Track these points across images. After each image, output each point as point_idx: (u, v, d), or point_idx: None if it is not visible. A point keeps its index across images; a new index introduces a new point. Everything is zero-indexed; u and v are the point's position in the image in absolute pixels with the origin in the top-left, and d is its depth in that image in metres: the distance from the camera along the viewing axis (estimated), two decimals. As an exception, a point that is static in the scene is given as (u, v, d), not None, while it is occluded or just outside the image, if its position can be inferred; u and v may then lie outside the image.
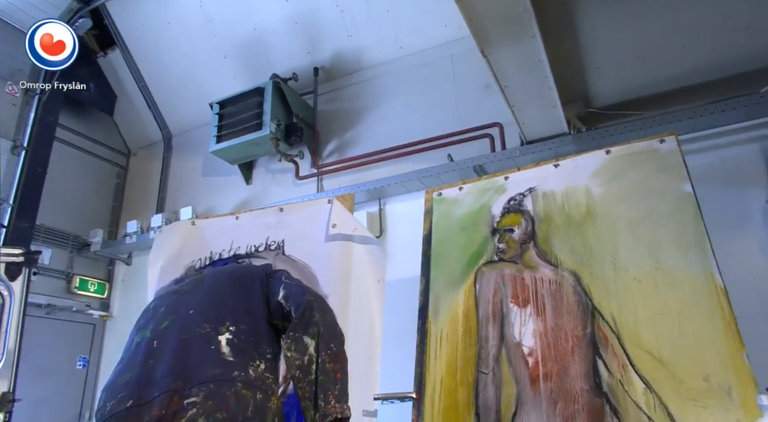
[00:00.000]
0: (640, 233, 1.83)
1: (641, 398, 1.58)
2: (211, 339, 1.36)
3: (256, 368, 1.34)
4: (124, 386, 1.32)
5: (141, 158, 5.36)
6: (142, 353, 1.39)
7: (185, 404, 1.21)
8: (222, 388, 1.24)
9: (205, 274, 1.75)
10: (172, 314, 1.49)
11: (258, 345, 1.41)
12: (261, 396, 1.30)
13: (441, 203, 2.32)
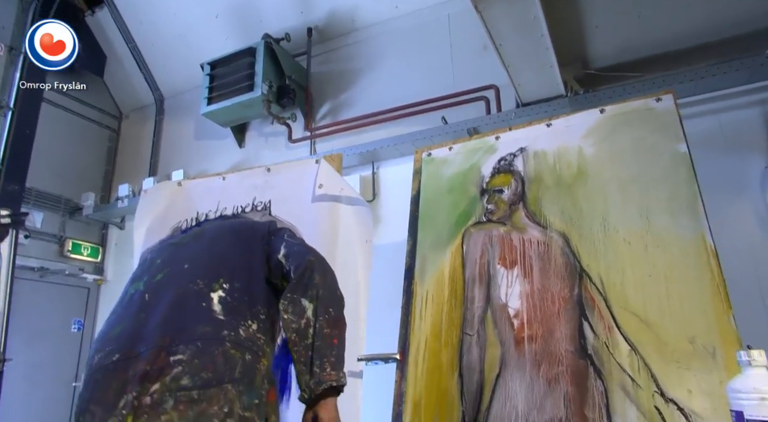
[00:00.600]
0: (631, 194, 1.78)
1: (625, 360, 1.55)
2: (203, 296, 1.30)
3: (248, 328, 1.29)
4: (115, 339, 1.28)
5: (133, 122, 5.28)
6: (134, 305, 1.35)
7: (171, 361, 1.16)
8: (210, 347, 1.19)
9: (206, 227, 1.66)
10: (168, 266, 1.43)
11: (253, 304, 1.35)
12: (250, 357, 1.24)
13: (430, 163, 2.26)
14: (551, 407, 1.56)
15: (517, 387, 1.64)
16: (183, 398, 1.11)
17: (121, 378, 1.16)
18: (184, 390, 1.12)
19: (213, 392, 1.14)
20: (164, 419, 1.09)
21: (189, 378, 1.13)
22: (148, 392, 1.12)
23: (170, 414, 1.10)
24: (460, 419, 1.68)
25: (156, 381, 1.13)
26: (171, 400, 1.11)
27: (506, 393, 1.65)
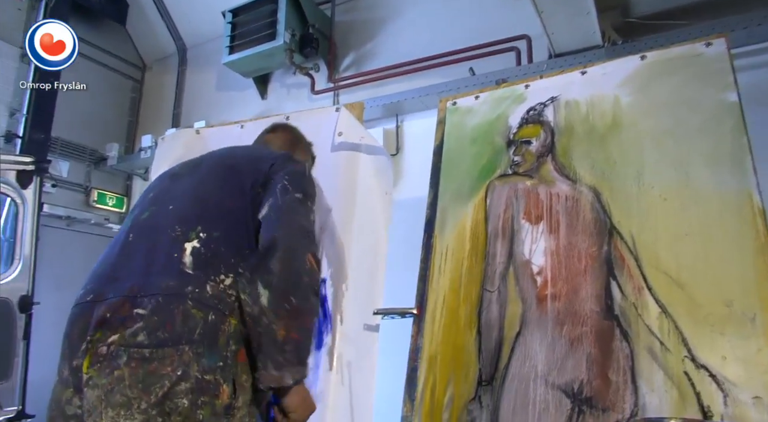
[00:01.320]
0: (669, 147, 1.64)
1: (654, 322, 1.46)
2: (177, 245, 1.21)
3: (218, 284, 1.18)
4: (95, 278, 1.26)
5: (156, 72, 5.22)
6: (118, 245, 1.30)
7: (134, 313, 1.11)
8: (170, 304, 1.12)
9: (204, 157, 1.52)
10: (155, 205, 1.35)
11: (231, 255, 1.23)
12: (213, 316, 1.14)
13: (455, 112, 2.14)
14: (572, 368, 1.50)
15: (538, 346, 1.57)
16: (136, 355, 1.07)
17: (87, 320, 1.15)
18: (138, 346, 1.08)
19: (167, 351, 1.08)
20: (116, 374, 1.07)
21: (145, 336, 1.09)
22: (106, 341, 1.10)
23: (122, 369, 1.07)
24: (476, 376, 1.62)
25: (116, 332, 1.10)
26: (125, 356, 1.08)
27: (526, 352, 1.58)
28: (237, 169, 1.39)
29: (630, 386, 1.42)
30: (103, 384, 1.07)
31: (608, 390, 1.43)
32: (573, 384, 1.47)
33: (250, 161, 1.43)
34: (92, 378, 1.09)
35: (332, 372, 1.86)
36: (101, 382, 1.07)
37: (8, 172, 3.05)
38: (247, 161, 1.43)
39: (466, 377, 1.64)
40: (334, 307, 1.95)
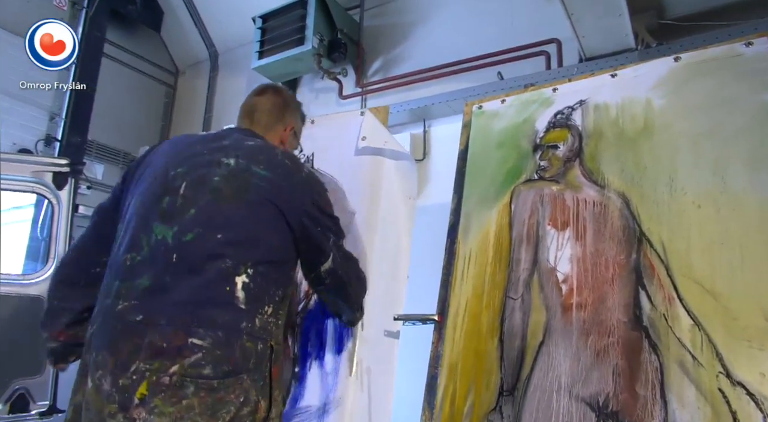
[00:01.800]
0: (704, 150, 1.57)
1: (686, 334, 1.40)
2: (228, 278, 1.29)
3: (263, 315, 1.33)
4: (140, 294, 1.28)
5: (189, 78, 5.33)
6: (160, 261, 1.30)
7: (189, 343, 1.20)
8: (230, 339, 1.24)
9: (245, 176, 1.43)
10: (200, 226, 1.34)
11: (271, 288, 1.37)
12: (261, 346, 1.30)
13: (480, 116, 2.11)
14: (598, 380, 1.44)
15: (562, 356, 1.52)
16: (204, 386, 1.18)
17: (138, 342, 1.21)
18: (206, 378, 1.18)
19: (231, 381, 1.21)
20: (185, 403, 1.16)
21: (211, 369, 1.19)
22: (167, 372, 1.17)
23: (191, 399, 1.16)
24: (498, 386, 1.58)
25: (174, 363, 1.18)
26: (192, 386, 1.17)
27: (549, 363, 1.53)
28: (279, 206, 1.43)
29: (659, 401, 1.35)
30: (171, 412, 1.15)
31: (636, 404, 1.37)
32: (598, 397, 1.42)
33: (288, 192, 1.46)
34: (157, 407, 1.15)
35: (352, 377, 1.84)
36: (168, 410, 1.15)
37: (45, 173, 3.14)
38: (285, 193, 1.45)
39: (487, 386, 1.59)
40: (355, 311, 1.93)
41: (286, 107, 1.77)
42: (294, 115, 1.81)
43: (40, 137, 4.16)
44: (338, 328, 1.94)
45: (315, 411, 1.85)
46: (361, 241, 2.06)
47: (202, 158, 1.46)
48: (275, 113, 1.72)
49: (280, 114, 1.73)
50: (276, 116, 1.72)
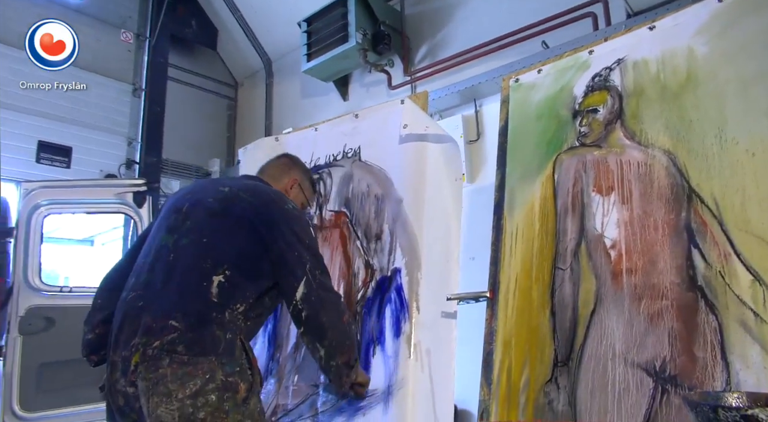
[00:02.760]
0: (756, 95, 1.46)
1: (746, 291, 1.32)
2: (207, 276, 1.55)
3: (233, 311, 1.55)
4: (143, 286, 1.59)
5: (247, 88, 5.58)
6: (162, 261, 1.61)
7: (169, 324, 1.46)
8: (201, 325, 1.48)
9: (231, 195, 1.74)
10: (194, 234, 1.64)
11: (245, 290, 1.59)
12: (230, 335, 1.51)
13: (518, 90, 2.07)
14: (653, 345, 1.39)
15: (614, 324, 1.48)
16: (176, 360, 1.42)
17: (137, 323, 1.50)
18: (179, 354, 1.43)
19: (200, 360, 1.43)
20: (161, 372, 1.41)
21: (183, 347, 1.43)
22: (151, 346, 1.44)
23: (165, 369, 1.41)
24: (552, 358, 1.57)
25: (157, 339, 1.44)
26: (167, 359, 1.42)
27: (602, 331, 1.50)
28: (258, 226, 1.67)
29: (720, 362, 1.29)
30: (150, 377, 1.42)
31: (695, 367, 1.32)
32: (655, 362, 1.38)
33: (266, 219, 1.70)
34: (141, 373, 1.44)
35: (411, 359, 1.89)
36: (149, 376, 1.42)
37: (126, 194, 3.43)
38: (264, 218, 1.70)
39: (541, 358, 1.59)
40: (410, 296, 1.98)
41: (294, 166, 2.10)
42: (301, 173, 2.10)
43: (121, 162, 4.54)
44: (395, 313, 1.99)
45: (381, 394, 1.92)
46: (411, 227, 2.10)
47: (206, 189, 1.79)
48: (282, 169, 2.06)
49: (287, 169, 2.07)
50: (283, 170, 2.05)
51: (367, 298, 2.12)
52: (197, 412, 1.39)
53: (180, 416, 1.38)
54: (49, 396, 3.05)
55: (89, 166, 4.38)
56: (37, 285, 3.13)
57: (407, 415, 1.83)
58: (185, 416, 1.39)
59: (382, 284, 2.09)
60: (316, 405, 2.09)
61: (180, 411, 1.38)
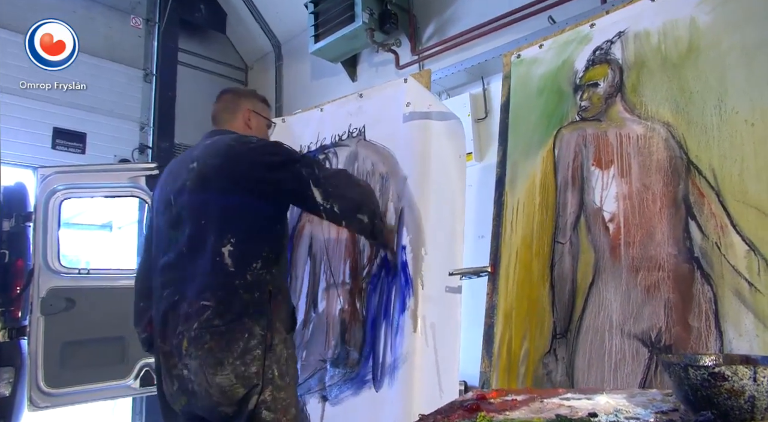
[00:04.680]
0: (760, 63, 1.45)
1: (741, 262, 1.33)
2: (216, 251, 1.64)
3: (253, 270, 1.65)
4: (173, 282, 1.71)
5: (257, 71, 5.59)
6: (178, 252, 1.72)
7: (202, 304, 1.60)
8: (229, 295, 1.61)
9: (201, 170, 1.76)
10: (191, 220, 1.72)
11: (255, 248, 1.68)
12: (258, 293, 1.64)
13: (519, 65, 2.07)
14: (649, 316, 1.42)
15: (612, 295, 1.50)
16: (216, 332, 1.57)
17: (177, 313, 1.65)
18: (216, 327, 1.57)
19: (235, 325, 1.58)
20: (207, 347, 1.56)
21: (219, 320, 1.58)
22: (193, 328, 1.59)
23: (210, 343, 1.56)
24: (551, 329, 1.60)
25: (195, 321, 1.59)
26: (207, 335, 1.57)
27: (600, 302, 1.52)
28: (239, 183, 1.72)
29: (714, 331, 1.31)
30: (200, 354, 1.57)
31: (689, 336, 1.34)
32: (650, 333, 1.40)
33: (243, 171, 1.73)
34: (192, 353, 1.59)
35: (416, 333, 1.93)
36: (198, 354, 1.58)
37: (140, 178, 3.50)
38: (240, 171, 1.73)
39: (541, 331, 1.62)
40: (415, 271, 2.02)
41: (238, 99, 2.07)
42: (248, 99, 2.07)
43: (134, 147, 4.61)
44: (401, 289, 2.03)
45: (387, 368, 1.97)
46: (416, 205, 2.12)
47: (180, 172, 1.81)
48: (230, 107, 2.04)
49: (234, 106, 2.04)
50: (231, 110, 2.03)
51: (372, 274, 2.16)
52: (249, 368, 1.56)
53: (236, 376, 1.54)
54: (73, 372, 3.17)
55: (103, 151, 4.45)
56: (57, 268, 3.22)
57: (413, 388, 1.88)
58: (240, 375, 1.55)
59: (387, 261, 2.12)
60: (324, 380, 2.15)
61: (234, 372, 1.54)
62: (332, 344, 2.17)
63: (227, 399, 1.56)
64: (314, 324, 2.28)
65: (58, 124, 4.29)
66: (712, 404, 0.68)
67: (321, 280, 2.34)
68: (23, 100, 4.07)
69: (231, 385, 1.55)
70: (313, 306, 2.31)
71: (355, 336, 2.11)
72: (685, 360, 0.83)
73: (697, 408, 0.70)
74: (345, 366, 2.09)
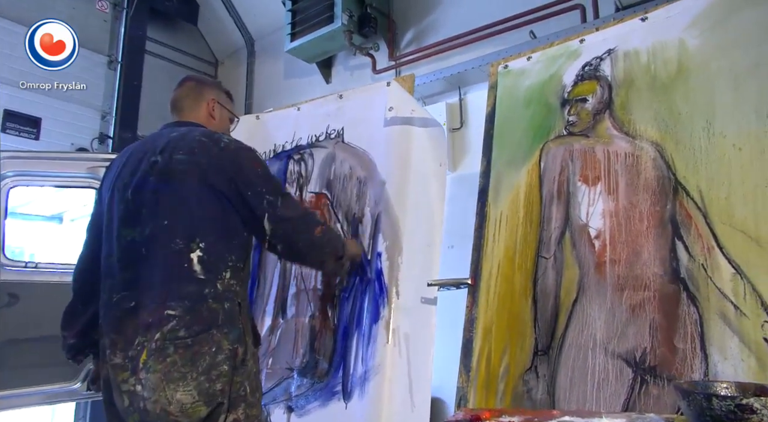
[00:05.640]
0: (746, 89, 1.47)
1: (728, 284, 1.33)
2: (183, 257, 1.51)
3: (223, 280, 1.54)
4: (125, 284, 1.55)
5: (228, 67, 5.44)
6: (133, 255, 1.56)
7: (166, 314, 1.46)
8: (196, 304, 1.48)
9: (169, 168, 1.62)
10: (152, 221, 1.56)
11: (225, 254, 1.57)
12: (228, 304, 1.53)
13: (506, 76, 2.05)
14: (634, 336, 1.40)
15: (596, 313, 1.48)
16: (181, 345, 1.44)
17: (135, 323, 1.48)
18: (182, 339, 1.44)
19: (202, 337, 1.46)
20: (169, 360, 1.42)
21: (185, 331, 1.45)
22: (154, 339, 1.44)
23: (173, 356, 1.43)
24: (532, 346, 1.56)
25: (157, 331, 1.44)
26: (171, 347, 1.43)
27: (584, 320, 1.50)
28: (207, 181, 1.60)
29: (699, 354, 1.30)
30: (160, 368, 1.42)
31: (674, 358, 1.33)
32: (635, 353, 1.38)
33: (211, 171, 1.61)
34: (151, 366, 1.43)
35: (389, 344, 1.87)
36: (158, 367, 1.42)
37: (98, 168, 3.31)
38: (208, 171, 1.61)
39: (522, 347, 1.58)
40: (390, 280, 1.96)
41: (201, 87, 1.93)
42: (212, 90, 1.95)
43: (94, 136, 4.38)
44: (375, 297, 1.97)
45: (357, 379, 1.90)
46: (393, 211, 2.07)
47: (139, 164, 1.65)
48: (193, 96, 1.89)
49: (197, 94, 1.89)
50: (194, 98, 1.88)
51: (345, 281, 2.09)
52: (214, 384, 1.44)
53: (199, 393, 1.42)
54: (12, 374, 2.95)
55: (59, 138, 4.21)
56: (0, 260, 3.00)
57: (383, 400, 1.81)
58: (204, 392, 1.43)
59: (361, 268, 2.05)
60: (290, 390, 2.06)
61: (198, 389, 1.42)
62: (301, 352, 2.08)
63: (187, 417, 1.42)
64: (282, 331, 2.18)
65: (10, 106, 4.03)
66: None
67: (291, 285, 2.24)
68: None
69: (192, 403, 1.41)
70: (282, 312, 2.22)
71: (325, 344, 2.03)
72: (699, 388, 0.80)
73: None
74: (313, 375, 2.00)
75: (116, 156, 1.89)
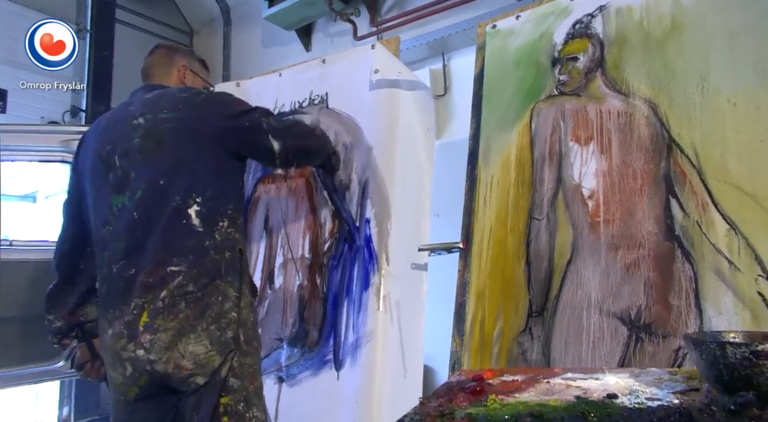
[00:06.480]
0: (744, 45, 1.44)
1: (722, 240, 1.32)
2: (182, 212, 1.50)
3: (221, 229, 1.54)
4: (123, 252, 1.52)
5: (203, 36, 5.26)
6: (126, 222, 1.53)
7: (169, 271, 1.45)
8: (200, 257, 1.48)
9: (155, 127, 1.58)
10: (144, 182, 1.54)
11: (221, 205, 1.56)
12: (229, 254, 1.53)
13: (495, 36, 1.99)
14: (629, 294, 1.39)
15: (591, 273, 1.47)
16: (191, 299, 1.44)
17: (133, 287, 1.46)
18: (191, 293, 1.44)
19: (209, 289, 1.47)
20: (182, 316, 1.43)
21: (192, 285, 1.45)
22: (159, 298, 1.43)
23: (185, 311, 1.43)
24: (526, 308, 1.55)
25: (163, 290, 1.44)
26: (182, 302, 1.43)
27: (578, 280, 1.49)
28: (196, 134, 1.59)
29: (694, 310, 1.30)
30: (172, 325, 1.42)
31: (669, 315, 1.32)
32: (630, 311, 1.37)
33: (198, 123, 1.60)
34: (160, 325, 1.42)
35: (380, 311, 1.84)
36: (170, 325, 1.42)
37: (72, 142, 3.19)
38: (195, 123, 1.60)
39: (516, 309, 1.57)
40: (379, 247, 1.92)
41: (173, 53, 1.93)
42: (184, 56, 1.95)
43: (66, 109, 4.22)
44: (365, 265, 1.93)
45: (349, 347, 1.88)
46: (381, 176, 2.02)
47: (121, 129, 1.62)
48: (164, 62, 1.88)
49: (169, 61, 1.89)
50: (166, 64, 1.88)
51: (333, 249, 2.05)
52: (225, 332, 1.45)
53: (211, 342, 1.43)
54: (-7, 354, 2.88)
55: (29, 112, 4.04)
56: (-27, 239, 2.90)
57: (376, 367, 1.79)
58: (215, 340, 1.44)
59: (350, 235, 2.02)
60: (281, 360, 2.04)
61: (209, 338, 1.43)
62: (290, 322, 2.05)
63: (201, 368, 1.42)
64: (270, 301, 2.14)
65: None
66: (751, 385, 0.63)
67: (278, 255, 2.20)
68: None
69: (206, 353, 1.42)
70: (269, 282, 2.18)
71: (315, 313, 2.00)
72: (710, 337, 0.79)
73: (732, 388, 0.65)
74: (304, 345, 1.98)
75: (88, 128, 1.85)
